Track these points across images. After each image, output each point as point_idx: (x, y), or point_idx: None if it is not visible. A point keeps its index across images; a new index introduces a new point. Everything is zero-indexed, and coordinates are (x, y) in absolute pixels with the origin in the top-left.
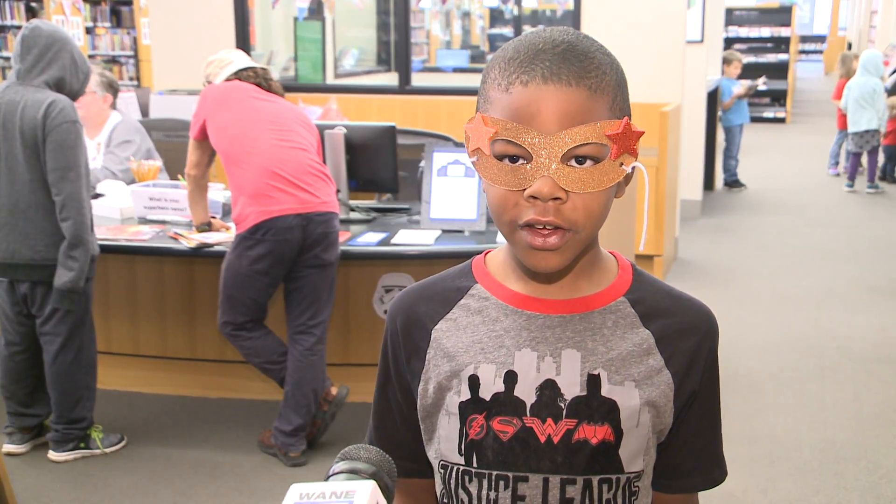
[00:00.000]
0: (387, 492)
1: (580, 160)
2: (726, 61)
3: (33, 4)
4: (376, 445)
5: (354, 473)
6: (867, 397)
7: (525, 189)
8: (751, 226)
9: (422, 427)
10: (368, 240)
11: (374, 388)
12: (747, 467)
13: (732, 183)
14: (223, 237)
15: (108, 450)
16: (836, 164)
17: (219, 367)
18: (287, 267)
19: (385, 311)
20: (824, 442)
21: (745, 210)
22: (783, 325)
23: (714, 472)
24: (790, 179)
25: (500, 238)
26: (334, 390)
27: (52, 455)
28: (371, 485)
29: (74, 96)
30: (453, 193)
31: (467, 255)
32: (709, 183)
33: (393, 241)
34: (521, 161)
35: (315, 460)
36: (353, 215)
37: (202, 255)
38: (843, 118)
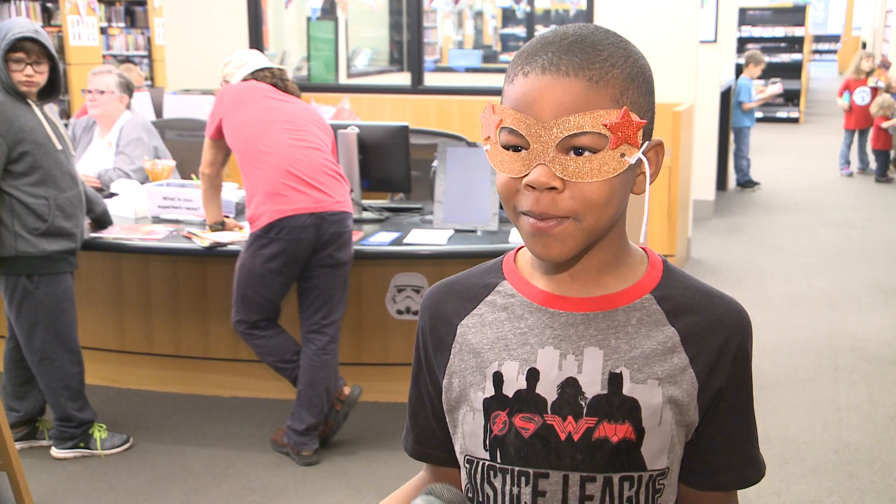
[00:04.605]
0: None
1: (580, 151)
2: (755, 61)
3: (49, 5)
4: (411, 435)
5: None
6: (881, 398)
7: (525, 176)
8: (764, 226)
9: (447, 419)
10: (381, 239)
11: (410, 380)
12: None
13: (745, 183)
14: (236, 236)
15: (105, 452)
16: (848, 163)
17: (232, 365)
18: (300, 266)
19: (398, 311)
20: (838, 443)
21: (757, 210)
22: (796, 326)
23: (748, 472)
24: (803, 179)
25: (512, 238)
26: (347, 390)
27: (53, 451)
28: None
29: None
30: (466, 193)
31: (480, 255)
32: (721, 183)
33: (406, 240)
34: (523, 150)
35: (327, 460)
36: (366, 215)
37: (215, 255)
38: (849, 118)
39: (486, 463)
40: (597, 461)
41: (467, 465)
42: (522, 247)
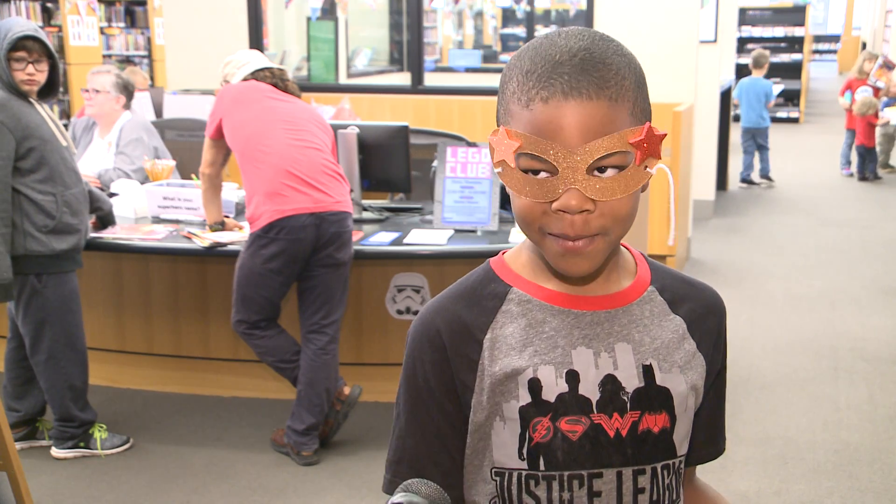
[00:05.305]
0: None
1: (603, 169)
2: (765, 59)
3: (49, 5)
4: (408, 479)
5: None
6: (881, 398)
7: (552, 201)
8: (764, 226)
9: (469, 441)
10: (381, 239)
11: (402, 419)
12: (760, 468)
13: (765, 174)
14: (236, 236)
15: (105, 452)
16: (849, 163)
17: (232, 365)
18: (300, 266)
19: (398, 311)
20: (838, 443)
21: (757, 210)
22: (796, 326)
23: (719, 443)
24: (803, 179)
25: (512, 238)
26: (347, 390)
27: (53, 451)
28: None
29: None
30: (466, 193)
31: (480, 255)
32: (721, 183)
33: (405, 240)
34: (544, 174)
35: (327, 459)
36: (366, 215)
37: (215, 255)
38: (851, 118)
39: (524, 472)
40: (644, 453)
41: (496, 478)
42: (506, 250)
